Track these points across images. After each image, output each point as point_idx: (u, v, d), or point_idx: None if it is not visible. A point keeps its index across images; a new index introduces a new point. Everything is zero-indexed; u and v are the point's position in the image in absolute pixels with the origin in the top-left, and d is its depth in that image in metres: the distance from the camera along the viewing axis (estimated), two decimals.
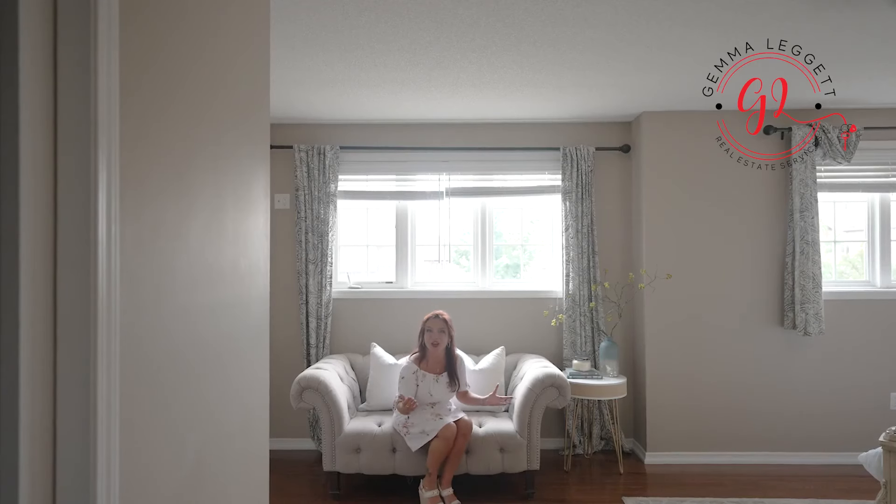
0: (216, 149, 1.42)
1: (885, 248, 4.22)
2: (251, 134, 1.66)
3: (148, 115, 1.10)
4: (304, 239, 4.30)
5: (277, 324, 4.33)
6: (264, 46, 1.77)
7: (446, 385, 3.53)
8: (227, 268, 1.48)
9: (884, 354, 4.09)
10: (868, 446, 3.29)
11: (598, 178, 4.37)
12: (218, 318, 1.42)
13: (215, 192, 1.41)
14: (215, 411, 1.40)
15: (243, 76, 1.60)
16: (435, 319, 3.57)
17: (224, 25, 1.47)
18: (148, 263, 1.10)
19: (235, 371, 1.53)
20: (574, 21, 2.62)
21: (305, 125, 4.45)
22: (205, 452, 1.33)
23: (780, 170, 4.12)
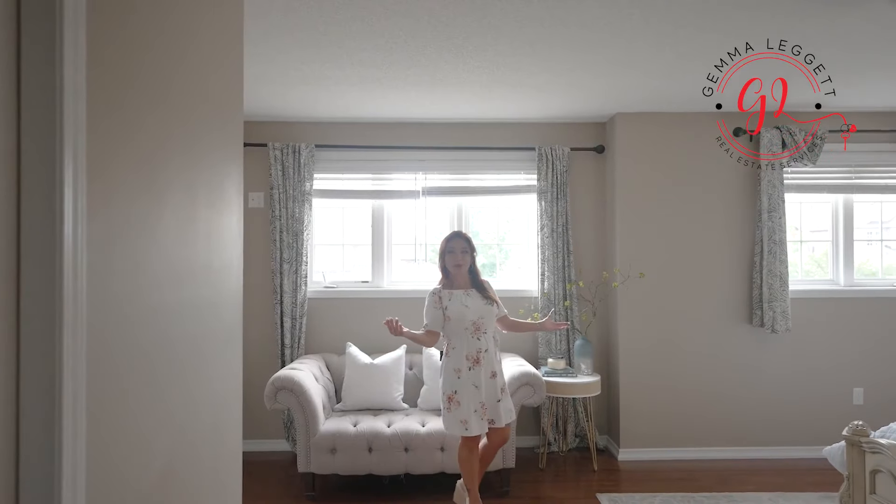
0: (188, 145, 1.39)
1: (849, 248, 4.35)
2: (224, 131, 1.63)
3: (116, 109, 1.07)
4: (279, 238, 4.25)
5: (251, 324, 4.26)
6: (237, 42, 1.74)
7: (481, 298, 3.04)
8: (198, 266, 1.45)
9: (847, 351, 4.22)
10: (832, 440, 3.38)
11: (572, 177, 4.41)
12: (189, 318, 1.39)
13: (187, 188, 1.38)
14: (186, 413, 1.37)
15: (216, 72, 1.57)
16: (456, 239, 3.10)
17: (196, 21, 1.44)
18: (116, 261, 1.07)
19: (207, 372, 1.50)
20: (550, 22, 2.64)
21: (280, 123, 4.40)
22: (175, 455, 1.31)
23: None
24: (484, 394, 2.96)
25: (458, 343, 2.99)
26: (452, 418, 2.96)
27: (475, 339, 2.98)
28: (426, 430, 3.47)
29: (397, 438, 3.43)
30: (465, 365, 2.95)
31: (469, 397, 2.94)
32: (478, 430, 2.93)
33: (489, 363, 2.99)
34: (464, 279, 3.09)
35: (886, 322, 4.23)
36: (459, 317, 2.99)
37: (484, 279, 3.16)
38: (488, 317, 3.03)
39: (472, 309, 3.00)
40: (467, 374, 2.95)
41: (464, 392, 2.94)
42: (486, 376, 2.97)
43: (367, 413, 3.78)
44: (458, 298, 3.03)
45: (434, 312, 3.03)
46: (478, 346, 2.98)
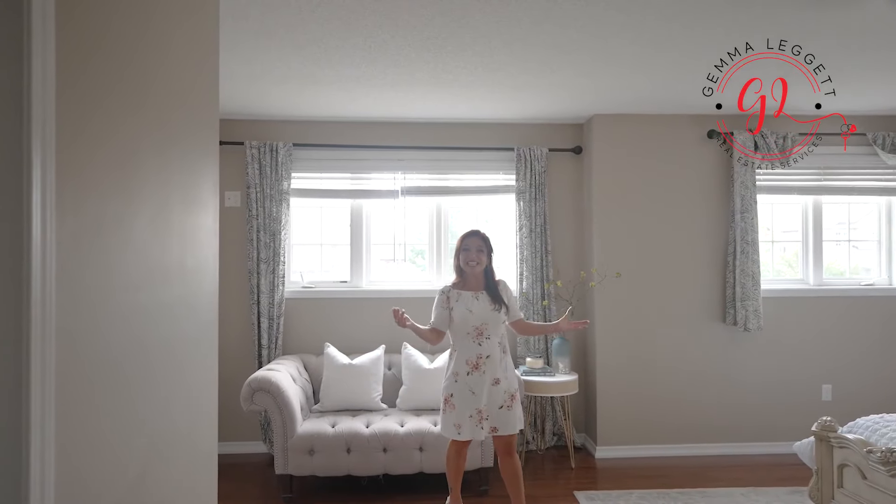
0: (162, 143, 1.37)
1: (818, 248, 4.46)
2: (199, 129, 1.61)
3: (88, 107, 1.05)
4: (256, 237, 4.20)
5: (227, 324, 4.21)
6: (213, 39, 1.72)
7: (489, 302, 2.93)
8: (173, 266, 1.43)
9: (816, 349, 4.33)
10: (802, 436, 3.46)
11: (551, 178, 4.45)
12: (163, 319, 1.37)
13: (161, 187, 1.36)
14: (161, 416, 1.35)
15: (191, 70, 1.55)
16: (472, 237, 2.99)
17: (172, 19, 1.42)
18: (87, 261, 1.05)
19: (182, 373, 1.48)
20: (528, 23, 2.65)
21: (257, 121, 4.35)
22: (149, 459, 1.29)
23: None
24: (483, 400, 2.86)
25: (459, 346, 2.94)
26: (447, 420, 2.92)
27: (476, 344, 2.90)
28: (405, 431, 3.47)
29: (376, 439, 3.42)
30: (464, 369, 2.89)
31: (464, 402, 2.87)
32: (469, 435, 2.89)
33: (492, 370, 2.89)
34: (477, 280, 2.99)
35: (853, 320, 4.34)
36: (462, 320, 2.91)
37: (500, 279, 3.05)
38: (493, 323, 2.92)
39: (476, 314, 2.90)
40: (465, 379, 2.88)
41: (459, 396, 2.88)
42: (488, 383, 2.88)
43: (346, 414, 3.76)
44: (465, 301, 2.93)
45: (440, 311, 2.97)
46: (478, 351, 2.89)
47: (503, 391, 2.91)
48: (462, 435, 2.88)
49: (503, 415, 2.90)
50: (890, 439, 2.68)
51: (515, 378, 3.02)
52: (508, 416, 2.90)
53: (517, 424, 2.94)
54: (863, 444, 2.65)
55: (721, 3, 2.48)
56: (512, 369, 3.00)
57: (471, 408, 2.87)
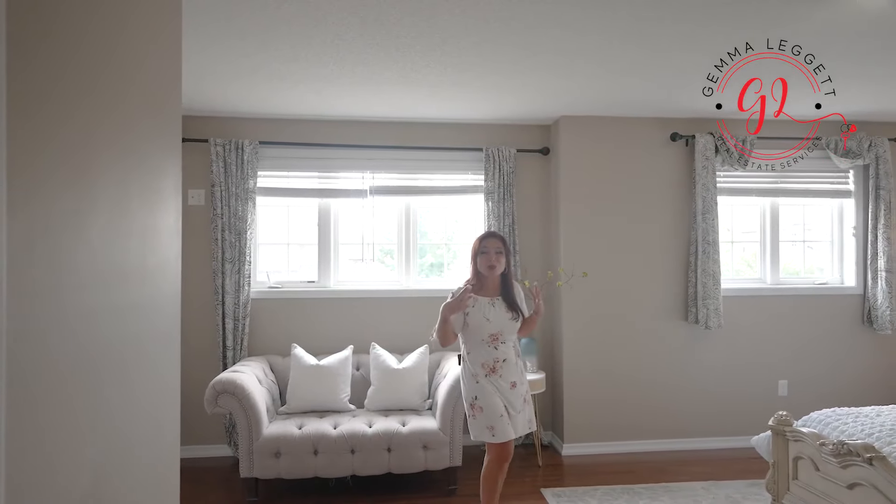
0: (121, 139, 1.33)
1: (775, 248, 4.61)
2: (161, 124, 1.57)
3: (38, 98, 1.02)
4: (221, 237, 4.12)
5: (191, 326, 4.12)
6: (175, 32, 1.68)
7: (505, 310, 2.85)
8: (132, 266, 1.39)
9: (773, 345, 4.47)
10: (760, 430, 3.57)
11: (519, 179, 4.48)
12: (122, 321, 1.33)
13: (119, 184, 1.32)
14: (118, 421, 1.31)
15: (152, 63, 1.51)
16: (491, 239, 2.90)
17: (130, 8, 1.38)
18: (40, 261, 1.01)
19: (141, 377, 1.44)
20: (496, 25, 2.67)
21: (222, 118, 4.27)
22: (105, 467, 1.25)
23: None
24: (506, 400, 2.79)
25: (473, 349, 2.85)
26: (478, 425, 2.79)
27: (492, 349, 2.81)
28: (373, 431, 3.45)
29: (343, 440, 3.39)
30: (481, 372, 2.81)
31: (492, 402, 2.76)
32: (503, 435, 2.75)
33: (509, 373, 2.81)
34: (494, 284, 2.89)
35: (808, 318, 4.51)
36: (478, 327, 2.81)
37: (515, 282, 2.97)
38: (509, 329, 2.85)
39: (493, 322, 2.81)
40: (484, 381, 2.79)
41: (485, 397, 2.77)
42: (506, 386, 2.80)
43: (313, 415, 3.72)
44: (482, 308, 2.82)
45: (456, 316, 2.83)
46: (495, 355, 2.81)
47: (520, 395, 2.84)
48: (496, 436, 2.75)
49: (520, 419, 2.83)
50: (841, 432, 2.80)
51: (526, 379, 2.96)
52: (519, 419, 2.83)
53: (525, 427, 2.87)
54: (816, 437, 2.75)
55: (683, 9, 2.54)
56: (523, 371, 2.92)
57: (500, 406, 2.76)
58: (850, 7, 2.48)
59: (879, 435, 2.65)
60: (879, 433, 2.66)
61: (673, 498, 3.46)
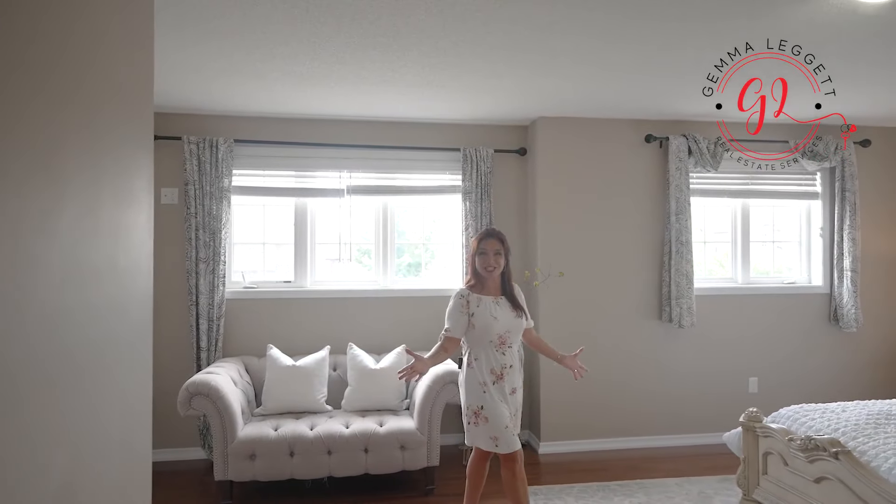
0: (91, 137, 1.30)
1: (746, 248, 4.72)
2: (132, 121, 1.54)
3: (4, 94, 0.99)
4: (195, 236, 4.05)
5: (164, 327, 4.05)
6: (147, 27, 1.65)
7: (510, 309, 2.77)
8: (103, 266, 1.36)
9: (744, 343, 4.57)
10: (731, 427, 3.65)
11: (496, 179, 4.50)
12: (92, 321, 1.30)
13: (90, 182, 1.29)
14: (87, 424, 1.28)
15: (123, 58, 1.48)
16: (490, 239, 2.79)
17: (103, 2, 1.35)
18: (7, 261, 0.99)
19: (112, 379, 1.42)
20: (474, 25, 2.68)
21: (196, 115, 4.20)
22: (74, 471, 1.22)
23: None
24: (511, 409, 2.74)
25: (480, 354, 2.74)
26: (481, 433, 2.71)
27: (500, 354, 2.72)
28: (350, 432, 3.43)
29: (320, 441, 3.37)
30: (490, 379, 2.71)
31: (498, 412, 2.68)
32: (507, 447, 2.68)
33: (511, 380, 2.75)
34: (494, 284, 2.81)
35: (777, 317, 4.62)
36: (485, 328, 2.70)
37: (514, 283, 2.89)
38: (515, 330, 2.77)
39: (501, 321, 2.73)
40: (493, 389, 2.71)
41: (492, 407, 2.68)
42: (507, 393, 2.74)
43: (289, 416, 3.69)
44: (487, 307, 2.74)
45: (459, 317, 2.73)
46: (503, 361, 2.72)
47: (517, 401, 2.80)
48: (500, 447, 2.68)
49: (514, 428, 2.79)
50: (809, 428, 2.87)
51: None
52: (517, 423, 2.81)
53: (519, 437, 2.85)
54: (785, 433, 2.82)
55: (659, 12, 2.58)
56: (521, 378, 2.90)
57: (504, 417, 2.69)
58: (826, 6, 2.54)
59: (845, 430, 2.73)
60: (845, 428, 2.74)
61: (647, 494, 3.52)
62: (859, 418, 2.83)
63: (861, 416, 2.85)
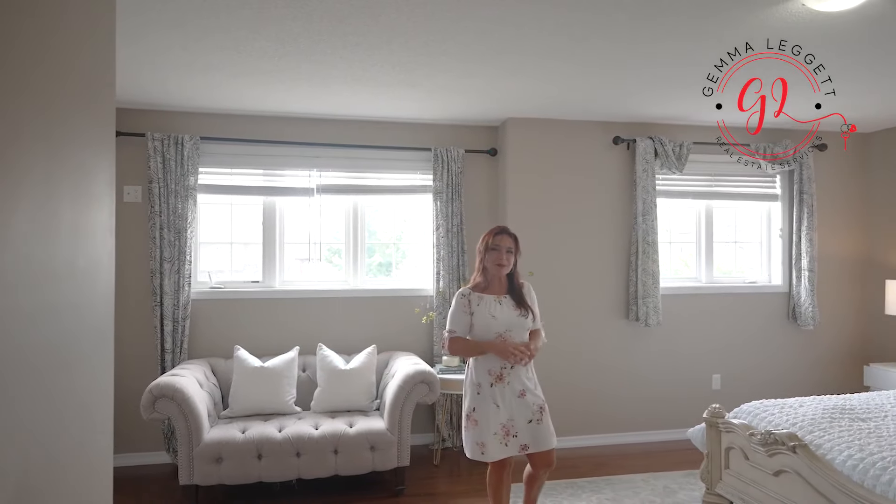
0: (48, 132, 1.26)
1: (710, 248, 4.84)
2: (92, 116, 1.50)
3: None
4: (159, 235, 3.96)
5: (127, 328, 3.95)
6: (108, 18, 1.61)
7: (513, 307, 2.68)
8: (60, 266, 1.32)
9: (708, 341, 4.69)
10: (695, 423, 3.73)
11: (467, 179, 4.52)
12: (48, 323, 1.26)
13: (46, 180, 1.25)
14: (43, 430, 1.24)
15: (82, 48, 1.44)
16: (503, 235, 2.73)
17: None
18: None
19: (71, 381, 1.37)
20: (444, 25, 2.68)
21: (160, 112, 4.10)
22: (29, 478, 1.18)
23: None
24: (507, 414, 2.61)
25: (478, 364, 2.68)
26: (469, 439, 2.64)
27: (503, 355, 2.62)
28: (319, 433, 3.40)
29: (289, 443, 3.33)
30: (487, 380, 2.63)
31: (488, 417, 2.59)
32: (496, 454, 2.60)
33: (517, 380, 2.63)
34: (501, 283, 2.74)
35: (739, 315, 4.75)
36: (484, 327, 2.65)
37: (523, 282, 2.80)
38: (518, 329, 2.67)
39: (500, 319, 2.65)
40: (488, 391, 2.62)
41: (482, 410, 2.61)
42: (511, 395, 2.62)
43: (257, 418, 3.63)
44: (487, 305, 2.68)
45: (461, 318, 2.68)
46: (502, 360, 2.63)
47: (531, 404, 2.64)
48: (486, 455, 2.59)
49: (533, 430, 2.63)
50: (768, 423, 2.96)
51: (540, 388, 2.74)
52: (539, 430, 2.64)
53: (551, 440, 2.67)
54: (746, 428, 2.90)
55: (630, 16, 2.62)
56: (536, 379, 2.73)
57: (495, 423, 2.59)
58: (782, 13, 2.62)
59: (802, 424, 2.82)
60: (802, 423, 2.84)
61: (614, 490, 3.58)
62: (815, 413, 2.93)
63: (817, 411, 2.95)
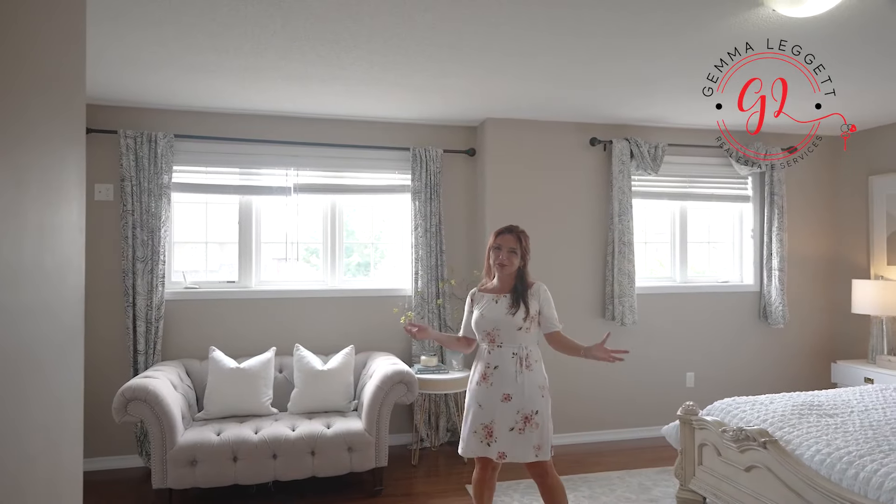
0: (13, 127, 1.23)
1: (684, 249, 4.92)
2: (62, 112, 1.46)
3: None
4: (132, 234, 3.88)
5: (98, 329, 3.87)
6: (78, 9, 1.57)
7: (507, 306, 2.61)
8: (27, 265, 1.29)
9: (682, 340, 4.77)
10: (670, 420, 3.80)
11: (445, 179, 4.52)
12: (14, 324, 1.23)
13: (11, 177, 1.22)
14: (8, 432, 1.21)
15: (51, 42, 1.41)
16: (506, 235, 2.69)
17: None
18: None
19: (37, 385, 1.34)
20: (422, 24, 2.68)
21: (133, 108, 4.02)
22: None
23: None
24: (489, 416, 2.56)
25: (477, 353, 2.71)
26: (462, 431, 2.67)
27: (486, 353, 2.63)
28: (296, 435, 3.37)
29: (265, 445, 3.29)
30: (475, 378, 2.64)
31: (472, 416, 2.60)
32: (471, 451, 2.59)
33: (501, 383, 2.56)
34: (506, 282, 2.69)
35: (712, 314, 4.84)
36: (475, 324, 2.66)
37: (534, 283, 2.71)
38: (506, 328, 2.59)
39: (487, 317, 2.62)
40: (474, 389, 2.62)
41: (469, 407, 2.63)
42: (495, 397, 2.55)
43: (233, 420, 3.59)
44: (484, 303, 2.68)
45: (466, 316, 2.76)
46: (487, 360, 2.60)
47: (515, 410, 2.54)
48: (464, 450, 2.62)
49: (512, 439, 2.53)
50: (740, 419, 3.02)
51: (538, 397, 2.58)
52: (517, 440, 2.52)
53: (527, 453, 2.53)
54: (718, 424, 2.96)
55: (606, 19, 2.65)
56: (535, 386, 2.59)
57: (476, 421, 2.58)
58: (754, 19, 2.68)
59: (772, 420, 2.89)
60: (772, 419, 2.90)
61: (590, 488, 3.61)
62: (785, 409, 3.00)
63: (787, 408, 3.03)
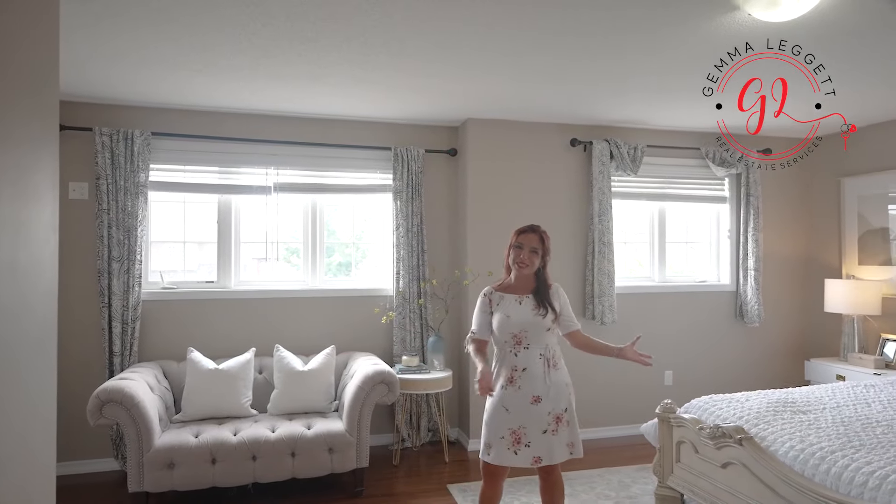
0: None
1: (662, 249, 4.98)
2: (34, 109, 1.43)
3: None
4: (107, 234, 3.81)
5: (72, 330, 3.79)
6: (52, 4, 1.54)
7: (532, 307, 2.57)
8: (1, 264, 1.26)
9: (660, 338, 4.83)
10: (649, 418, 3.85)
11: (427, 179, 4.52)
12: None
13: None
14: None
15: (23, 37, 1.38)
16: (529, 234, 2.63)
17: None
18: None
19: (9, 385, 1.31)
20: (403, 24, 2.68)
21: (109, 105, 3.95)
22: None
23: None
24: (517, 420, 2.49)
25: (500, 357, 2.60)
26: (482, 438, 2.57)
27: (513, 355, 2.54)
28: (276, 436, 3.34)
29: (244, 447, 3.26)
30: (501, 382, 2.55)
31: (498, 420, 2.51)
32: (500, 460, 2.49)
33: (530, 385, 2.50)
34: (526, 282, 2.63)
35: (690, 313, 4.91)
36: (500, 327, 2.56)
37: (552, 283, 2.68)
38: (535, 330, 2.54)
39: (514, 319, 2.54)
40: (500, 393, 2.53)
41: (494, 413, 2.53)
42: (524, 400, 2.50)
43: (212, 422, 3.54)
44: (507, 305, 2.58)
45: (482, 317, 2.63)
46: (514, 362, 2.53)
47: (546, 412, 2.50)
48: (492, 457, 2.50)
49: (546, 441, 2.49)
50: (717, 417, 3.07)
51: (566, 395, 2.58)
52: (553, 442, 2.51)
53: (562, 453, 2.54)
54: (696, 422, 3.00)
55: (587, 22, 2.68)
56: (562, 385, 2.58)
57: (503, 427, 2.49)
58: (730, 23, 2.72)
59: (748, 418, 2.94)
60: (748, 416, 2.95)
61: (571, 486, 3.64)
62: (760, 406, 3.06)
63: (762, 405, 3.08)
